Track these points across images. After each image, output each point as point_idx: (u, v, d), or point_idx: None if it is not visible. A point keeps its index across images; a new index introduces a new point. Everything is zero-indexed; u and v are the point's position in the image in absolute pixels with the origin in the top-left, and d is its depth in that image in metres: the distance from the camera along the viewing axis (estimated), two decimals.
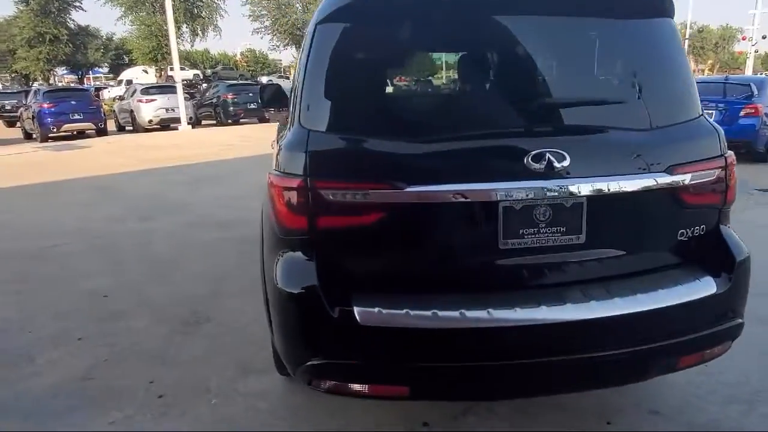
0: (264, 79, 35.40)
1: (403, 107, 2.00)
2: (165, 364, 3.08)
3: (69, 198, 7.93)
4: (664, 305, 1.89)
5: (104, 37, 48.82)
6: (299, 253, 1.96)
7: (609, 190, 1.88)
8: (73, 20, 38.70)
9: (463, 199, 1.82)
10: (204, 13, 36.82)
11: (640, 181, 1.91)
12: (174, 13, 20.90)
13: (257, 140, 15.22)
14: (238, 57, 60.37)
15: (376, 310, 1.83)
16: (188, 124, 19.26)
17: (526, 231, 1.88)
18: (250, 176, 9.27)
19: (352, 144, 1.91)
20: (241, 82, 25.44)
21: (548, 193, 1.84)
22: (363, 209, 1.86)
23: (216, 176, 9.35)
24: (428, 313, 1.81)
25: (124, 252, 5.23)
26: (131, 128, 19.68)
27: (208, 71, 41.39)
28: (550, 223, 1.89)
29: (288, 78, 44.92)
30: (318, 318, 1.88)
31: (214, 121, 21.35)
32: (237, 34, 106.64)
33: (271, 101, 4.59)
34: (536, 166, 1.83)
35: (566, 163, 1.83)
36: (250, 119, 21.20)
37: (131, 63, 41.86)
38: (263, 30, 43.52)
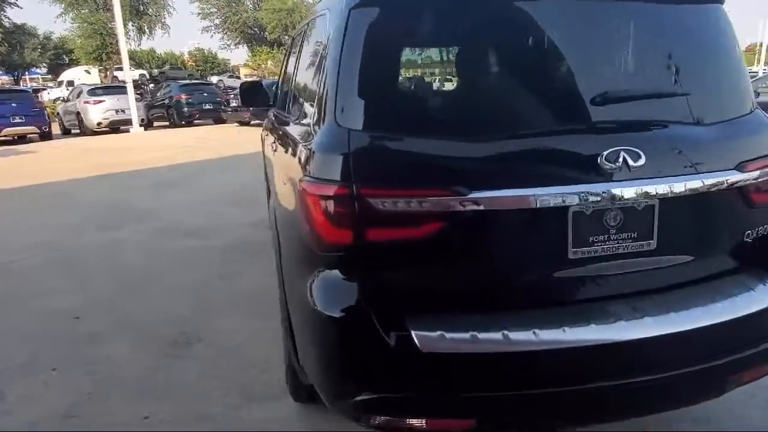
0: (214, 79, 34.49)
1: (458, 101, 1.77)
2: (157, 395, 2.75)
3: (19, 207, 7.34)
4: (744, 313, 1.74)
5: (42, 36, 46.41)
6: (342, 271, 1.70)
7: (681, 190, 1.71)
8: (8, 18, 36.59)
9: (531, 205, 1.61)
10: (151, 10, 35.54)
11: (712, 180, 1.75)
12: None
13: (215, 142, 14.71)
14: (186, 56, 58.64)
15: (437, 334, 1.60)
16: (140, 126, 18.43)
17: (596, 238, 1.70)
18: (214, 179, 8.87)
19: (402, 144, 1.67)
20: (194, 81, 24.57)
21: (622, 196, 1.65)
22: (418, 219, 1.63)
23: (178, 180, 8.87)
24: (498, 335, 1.60)
25: (89, 265, 4.80)
26: (78, 131, 18.67)
27: (155, 71, 40.01)
28: (621, 229, 1.70)
29: (239, 78, 43.90)
30: (370, 346, 1.64)
31: (167, 123, 20.53)
32: (185, 32, 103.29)
33: (254, 100, 4.31)
34: (610, 166, 1.64)
35: (641, 162, 1.65)
36: (205, 120, 20.52)
37: (72, 63, 39.98)
38: (213, 28, 42.58)
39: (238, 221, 6.08)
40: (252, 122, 18.79)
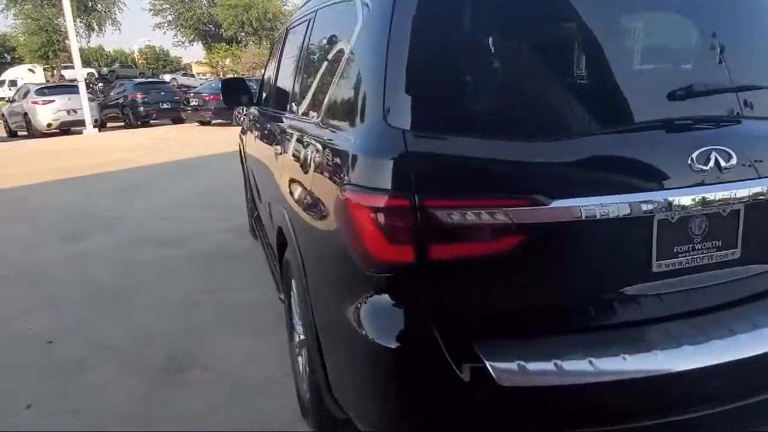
0: (167, 77, 33.43)
1: (531, 96, 1.54)
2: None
3: None
4: None
5: None
6: (399, 294, 1.46)
7: None
8: None
9: (616, 215, 1.41)
10: (100, 6, 34.11)
11: None
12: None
13: (176, 143, 14.14)
14: (137, 54, 56.76)
15: (515, 364, 1.38)
16: (94, 126, 17.58)
17: (680, 248, 1.52)
18: (181, 182, 8.43)
19: (469, 147, 1.44)
20: (150, 80, 23.69)
21: (714, 201, 1.48)
22: (490, 233, 1.41)
23: (143, 184, 8.38)
24: (583, 363, 1.39)
25: (56, 282, 4.37)
26: (25, 133, 17.69)
27: (104, 70, 38.51)
28: (705, 238, 1.53)
29: (193, 76, 42.63)
30: (438, 381, 1.41)
31: (122, 123, 19.66)
32: (136, 29, 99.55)
33: (237, 98, 4.03)
34: (701, 167, 1.46)
35: (733, 162, 1.48)
36: (162, 120, 19.77)
37: (14, 61, 38.01)
38: (166, 25, 41.28)
39: (214, 227, 5.73)
40: (213, 122, 18.21)
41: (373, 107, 1.52)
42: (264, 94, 3.87)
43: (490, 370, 1.36)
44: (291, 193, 2.19)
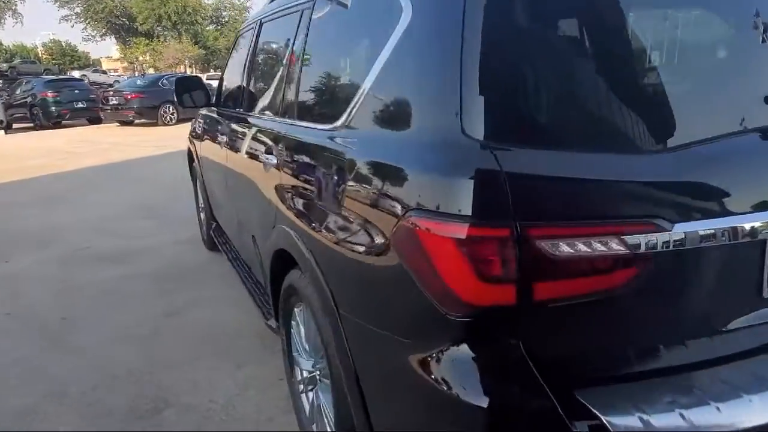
0: (76, 74, 31.29)
1: (640, 98, 1.34)
2: None
3: None
4: None
5: None
6: (494, 342, 1.23)
7: None
8: None
9: (737, 239, 1.25)
10: None
11: None
12: None
13: (97, 145, 13.17)
14: (40, 49, 52.85)
15: (636, 418, 1.18)
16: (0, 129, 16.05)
17: None
18: (114, 190, 7.77)
19: (577, 164, 1.21)
20: (62, 77, 21.96)
21: None
22: (603, 265, 1.20)
23: (70, 193, 7.63)
24: (713, 413, 1.21)
25: None
26: None
27: (4, 66, 35.46)
28: None
29: (105, 72, 40.08)
30: None
31: (32, 124, 18.05)
32: (39, 22, 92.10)
33: (191, 98, 3.64)
34: None
35: None
36: (77, 120, 18.37)
37: None
38: (74, 17, 38.63)
39: (161, 240, 5.24)
40: (136, 121, 17.14)
41: (443, 114, 1.27)
42: (228, 95, 3.50)
43: (610, 428, 1.15)
44: (305, 213, 1.89)
